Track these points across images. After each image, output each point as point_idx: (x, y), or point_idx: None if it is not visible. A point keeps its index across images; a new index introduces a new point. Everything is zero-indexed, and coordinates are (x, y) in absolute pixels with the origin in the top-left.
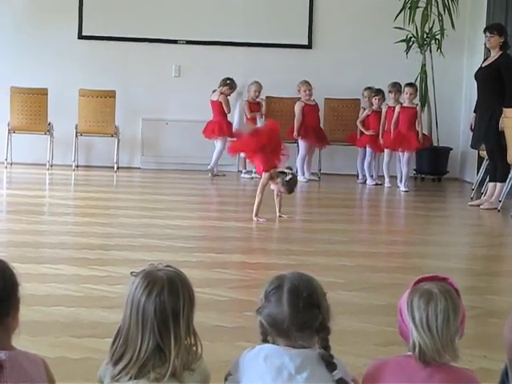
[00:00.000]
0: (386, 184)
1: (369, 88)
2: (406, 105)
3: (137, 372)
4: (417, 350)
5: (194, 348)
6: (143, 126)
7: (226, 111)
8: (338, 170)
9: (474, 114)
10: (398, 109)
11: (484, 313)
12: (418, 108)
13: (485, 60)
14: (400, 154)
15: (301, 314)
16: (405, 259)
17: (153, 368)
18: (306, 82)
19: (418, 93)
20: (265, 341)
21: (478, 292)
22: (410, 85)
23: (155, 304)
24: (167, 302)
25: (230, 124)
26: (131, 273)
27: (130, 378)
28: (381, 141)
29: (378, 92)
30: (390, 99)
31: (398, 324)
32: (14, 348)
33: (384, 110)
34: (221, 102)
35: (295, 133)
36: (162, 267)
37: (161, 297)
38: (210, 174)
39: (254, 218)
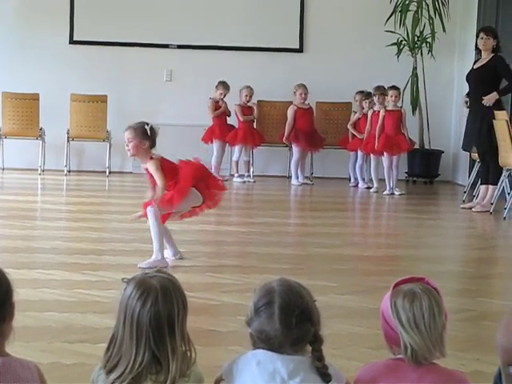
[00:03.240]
0: (373, 189)
1: (360, 92)
2: (390, 108)
3: (131, 381)
4: (409, 351)
5: (188, 353)
6: None
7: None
8: (329, 174)
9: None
10: (382, 113)
11: (477, 315)
12: (403, 111)
13: (475, 62)
14: (384, 158)
15: (294, 331)
16: (397, 262)
17: (148, 376)
18: (303, 86)
19: (401, 95)
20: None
21: (470, 295)
22: (393, 88)
23: (150, 314)
24: (162, 311)
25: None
26: (122, 279)
27: None
28: (376, 144)
29: (368, 95)
30: (376, 103)
31: (383, 329)
32: (7, 354)
33: (370, 114)
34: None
35: (285, 137)
36: (153, 273)
37: (155, 306)
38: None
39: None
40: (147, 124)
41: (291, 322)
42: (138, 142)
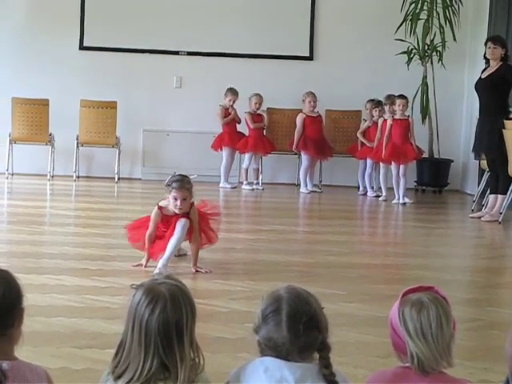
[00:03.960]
0: (382, 198)
1: (371, 100)
2: (398, 117)
3: None
4: (415, 360)
5: (196, 360)
6: (144, 137)
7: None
8: (338, 182)
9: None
10: (390, 121)
11: (485, 325)
12: (411, 120)
13: (483, 71)
14: (392, 166)
15: (301, 339)
16: (405, 271)
17: (156, 382)
18: (312, 94)
19: (408, 104)
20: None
21: (479, 304)
22: (401, 96)
23: (159, 321)
24: (171, 318)
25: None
26: (131, 285)
27: None
28: (383, 153)
29: (379, 104)
30: (386, 112)
31: (391, 337)
32: (16, 358)
33: (380, 123)
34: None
35: (294, 145)
36: (162, 280)
37: (164, 313)
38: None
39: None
40: (188, 177)
41: (299, 330)
42: (190, 198)
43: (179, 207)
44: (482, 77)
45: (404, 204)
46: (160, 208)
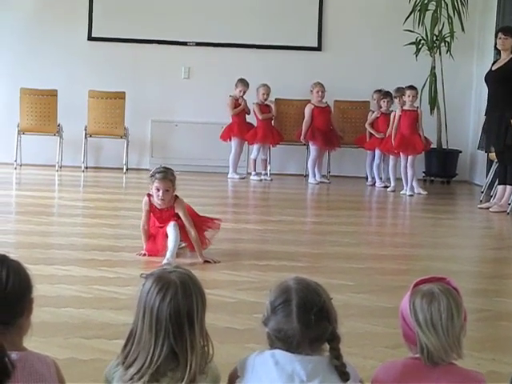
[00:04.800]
0: (390, 188)
1: (378, 91)
2: (407, 108)
3: (150, 376)
4: (425, 352)
5: (206, 349)
6: (152, 128)
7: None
8: (346, 173)
9: (485, 117)
10: (398, 112)
11: (493, 315)
12: (420, 111)
13: (494, 62)
14: (401, 157)
15: (312, 329)
16: (414, 262)
17: (166, 372)
18: (320, 84)
19: (419, 95)
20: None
21: (487, 295)
22: (411, 87)
23: (170, 308)
24: (181, 305)
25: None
26: (141, 275)
27: (143, 382)
28: (393, 143)
29: (387, 94)
30: (397, 105)
31: (402, 328)
32: (25, 349)
33: (392, 115)
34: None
35: (302, 136)
36: (172, 269)
37: (175, 300)
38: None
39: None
40: (172, 169)
41: (310, 320)
42: (173, 191)
43: (161, 197)
44: (493, 69)
45: (411, 195)
46: (149, 195)
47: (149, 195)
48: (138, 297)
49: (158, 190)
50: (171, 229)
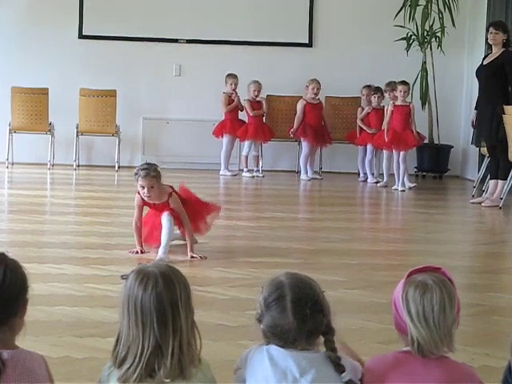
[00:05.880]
0: (382, 184)
1: (368, 86)
2: (399, 103)
3: (143, 370)
4: (415, 344)
5: (193, 340)
6: (144, 126)
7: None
8: (338, 169)
9: (475, 111)
10: (391, 107)
11: (486, 310)
12: (412, 106)
13: (485, 57)
14: (394, 153)
15: (308, 323)
16: (406, 257)
17: (158, 364)
18: (316, 81)
19: (411, 90)
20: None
21: (479, 290)
22: (403, 82)
23: (152, 298)
24: (164, 294)
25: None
26: (121, 276)
27: (139, 377)
28: (386, 138)
29: (377, 90)
30: (388, 99)
31: (394, 317)
32: (17, 347)
33: (385, 109)
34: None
35: (292, 130)
36: (151, 264)
37: (157, 289)
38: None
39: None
40: (156, 165)
41: (305, 315)
42: (159, 186)
43: (147, 195)
44: (484, 63)
45: (403, 191)
46: (139, 193)
47: (139, 193)
48: (121, 295)
49: (143, 187)
50: (165, 221)
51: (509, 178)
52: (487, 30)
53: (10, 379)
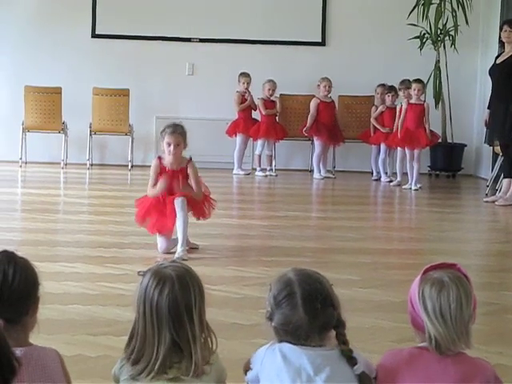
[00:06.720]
0: (395, 183)
1: (382, 85)
2: (413, 101)
3: (158, 370)
4: (433, 341)
5: (209, 340)
6: (157, 125)
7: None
8: (352, 168)
9: (488, 111)
10: (405, 106)
11: (500, 309)
12: (426, 105)
13: (498, 56)
14: (407, 151)
15: (319, 318)
16: (420, 256)
17: (172, 365)
18: (327, 79)
19: (425, 89)
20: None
21: (493, 288)
22: (417, 81)
23: (168, 301)
24: (179, 298)
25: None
26: (138, 272)
27: (151, 377)
28: (399, 136)
29: (391, 89)
30: (402, 97)
31: (410, 314)
32: (30, 344)
33: (399, 108)
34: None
35: (305, 128)
36: (168, 264)
37: (173, 293)
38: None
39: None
40: (182, 124)
41: (316, 309)
42: (184, 146)
43: (173, 152)
44: (497, 62)
45: (416, 190)
46: (159, 158)
47: (159, 158)
48: (136, 294)
49: (169, 144)
50: (179, 209)
51: None
52: (501, 29)
53: (24, 376)
